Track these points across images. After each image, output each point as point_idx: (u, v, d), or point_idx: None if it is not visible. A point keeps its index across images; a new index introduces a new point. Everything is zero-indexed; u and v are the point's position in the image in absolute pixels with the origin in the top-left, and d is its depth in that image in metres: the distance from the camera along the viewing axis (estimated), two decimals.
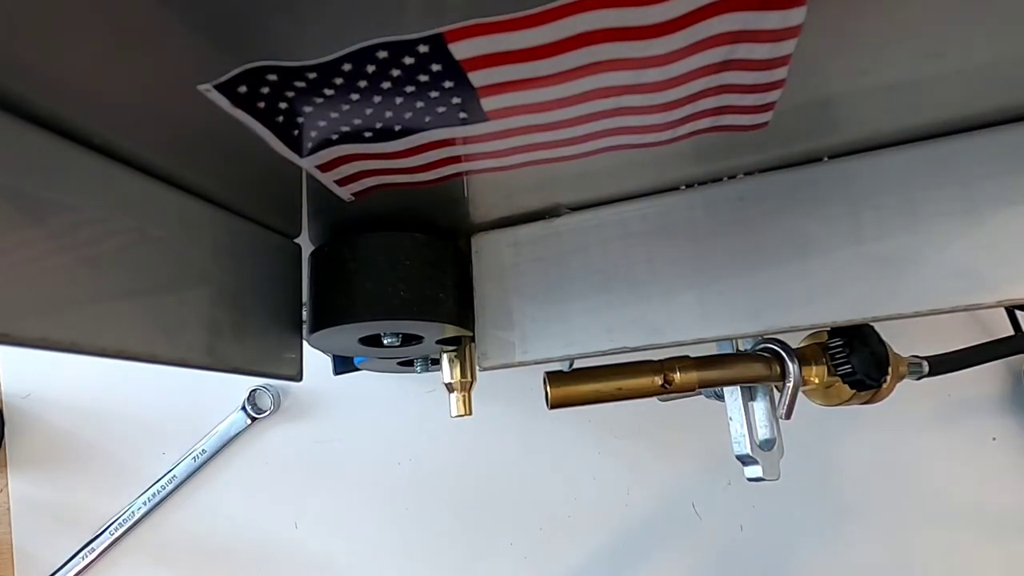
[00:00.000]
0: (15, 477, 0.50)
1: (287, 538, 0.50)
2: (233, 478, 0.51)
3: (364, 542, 0.50)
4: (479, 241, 0.25)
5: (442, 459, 0.51)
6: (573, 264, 0.23)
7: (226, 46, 0.14)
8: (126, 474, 0.50)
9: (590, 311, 0.22)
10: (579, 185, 0.22)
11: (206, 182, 0.21)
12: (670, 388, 0.26)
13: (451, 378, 0.30)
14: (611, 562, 0.50)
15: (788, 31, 0.14)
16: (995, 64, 0.17)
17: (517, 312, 0.24)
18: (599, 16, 0.13)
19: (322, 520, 0.51)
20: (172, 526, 0.50)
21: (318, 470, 0.51)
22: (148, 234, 0.20)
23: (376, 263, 0.24)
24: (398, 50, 0.14)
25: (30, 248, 0.16)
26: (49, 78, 0.15)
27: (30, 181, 0.16)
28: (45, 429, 0.51)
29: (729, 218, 0.21)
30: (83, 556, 0.49)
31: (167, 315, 0.20)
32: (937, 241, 0.19)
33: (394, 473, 0.51)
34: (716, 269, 0.21)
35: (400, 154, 0.19)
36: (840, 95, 0.18)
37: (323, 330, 0.24)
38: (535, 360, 0.23)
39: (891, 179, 0.20)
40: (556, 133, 0.18)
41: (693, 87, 0.16)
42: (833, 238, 0.20)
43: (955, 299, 0.18)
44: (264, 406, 0.50)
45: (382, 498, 0.51)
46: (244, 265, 0.24)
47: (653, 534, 0.50)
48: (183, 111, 0.17)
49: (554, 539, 0.50)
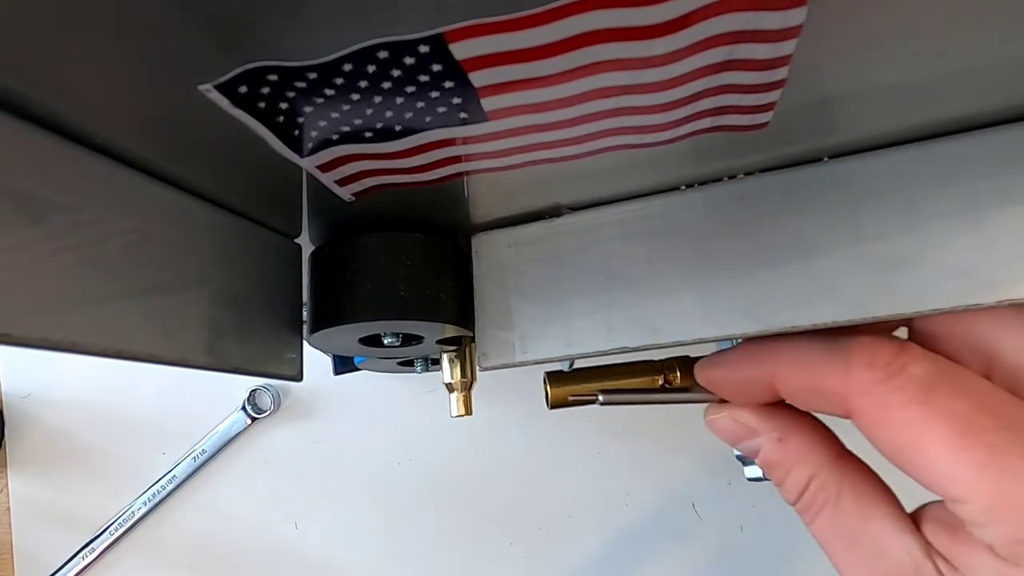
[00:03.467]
0: (15, 477, 0.50)
1: (287, 538, 0.50)
2: (233, 478, 0.51)
3: (364, 542, 0.50)
4: (479, 241, 0.25)
5: (442, 459, 0.51)
6: (573, 264, 0.23)
7: (226, 46, 0.14)
8: (126, 474, 0.50)
9: (590, 311, 0.22)
10: (579, 185, 0.22)
11: (206, 182, 0.21)
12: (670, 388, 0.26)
13: (451, 378, 0.30)
14: (611, 562, 0.50)
15: (788, 31, 0.14)
16: (995, 64, 0.17)
17: (517, 312, 0.24)
18: (600, 16, 0.13)
19: (322, 520, 0.51)
20: (172, 526, 0.50)
21: (318, 470, 0.51)
22: (148, 234, 0.20)
23: (376, 263, 0.24)
24: (399, 50, 0.14)
25: (30, 248, 0.16)
26: (49, 78, 0.15)
27: (30, 181, 0.16)
28: (45, 429, 0.51)
29: (729, 218, 0.21)
30: (83, 556, 0.49)
31: (167, 315, 0.20)
32: (937, 241, 0.19)
33: (394, 473, 0.51)
34: (716, 269, 0.21)
35: (401, 154, 0.19)
36: (840, 95, 0.18)
37: (323, 330, 0.24)
38: (535, 360, 0.23)
39: (891, 179, 0.20)
40: (556, 133, 0.18)
41: (694, 87, 0.16)
42: (833, 238, 0.20)
43: (955, 299, 0.18)
44: (264, 406, 0.50)
45: (382, 498, 0.51)
46: (244, 265, 0.24)
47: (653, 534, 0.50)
48: (183, 111, 0.17)
49: (554, 539, 0.50)
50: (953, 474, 0.16)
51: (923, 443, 0.17)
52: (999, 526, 0.16)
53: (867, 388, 0.18)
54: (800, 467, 0.20)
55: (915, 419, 0.17)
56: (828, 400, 0.19)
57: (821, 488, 0.20)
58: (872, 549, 0.19)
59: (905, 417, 0.17)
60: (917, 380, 0.17)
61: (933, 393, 0.17)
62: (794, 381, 0.20)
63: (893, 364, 0.18)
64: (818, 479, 0.20)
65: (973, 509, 0.16)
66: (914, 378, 0.17)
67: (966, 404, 0.17)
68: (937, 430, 0.17)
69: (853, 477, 0.20)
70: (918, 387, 0.17)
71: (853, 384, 0.18)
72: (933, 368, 0.18)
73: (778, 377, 0.20)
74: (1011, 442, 0.16)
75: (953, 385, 0.17)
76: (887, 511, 0.19)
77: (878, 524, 0.19)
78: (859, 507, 0.19)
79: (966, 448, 0.16)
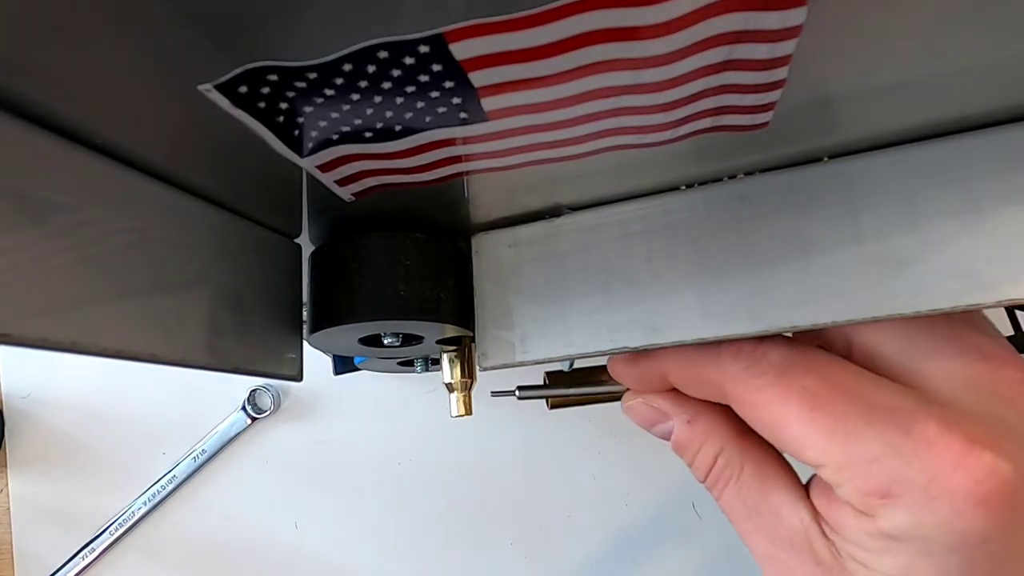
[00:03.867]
0: (15, 477, 0.50)
1: (287, 538, 0.50)
2: (233, 478, 0.51)
3: (364, 542, 0.50)
4: (479, 241, 0.25)
5: (442, 459, 0.51)
6: (573, 264, 0.23)
7: (226, 46, 0.14)
8: (126, 474, 0.50)
9: (590, 311, 0.22)
10: (579, 185, 0.22)
11: (206, 182, 0.21)
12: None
13: (451, 378, 0.30)
14: (611, 562, 0.50)
15: (788, 31, 0.14)
16: (995, 64, 0.17)
17: (517, 312, 0.24)
18: (600, 16, 0.13)
19: (322, 520, 0.51)
20: (172, 526, 0.50)
21: (318, 470, 0.51)
22: (148, 234, 0.20)
23: (376, 263, 0.24)
24: (399, 50, 0.14)
25: (30, 248, 0.16)
26: (49, 78, 0.15)
27: (30, 181, 0.16)
28: (45, 429, 0.51)
29: (729, 218, 0.21)
30: (83, 556, 0.49)
31: (167, 315, 0.20)
32: (937, 241, 0.19)
33: (394, 473, 0.51)
34: (716, 269, 0.21)
35: (401, 154, 0.19)
36: (840, 95, 0.18)
37: (323, 330, 0.24)
38: (535, 360, 0.23)
39: (891, 179, 0.20)
40: (556, 133, 0.18)
41: (693, 87, 0.16)
42: (833, 238, 0.20)
43: (955, 299, 0.18)
44: (264, 406, 0.51)
45: (382, 498, 0.51)
46: (244, 265, 0.24)
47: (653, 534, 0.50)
48: (183, 111, 0.17)
49: (554, 539, 0.50)
50: (807, 442, 0.18)
51: (782, 418, 0.19)
52: (850, 483, 0.18)
53: (735, 375, 0.20)
54: (708, 446, 0.22)
55: (774, 398, 0.19)
56: (710, 389, 0.21)
57: (726, 464, 0.22)
58: (770, 518, 0.21)
59: (766, 397, 0.19)
60: (775, 364, 0.19)
61: (787, 375, 0.19)
62: (680, 374, 0.22)
63: (755, 352, 0.20)
64: (723, 456, 0.22)
65: (828, 471, 0.18)
66: (773, 363, 0.20)
67: (815, 380, 0.19)
68: (792, 404, 0.19)
69: (754, 454, 0.21)
70: (776, 371, 0.19)
71: (725, 373, 0.20)
72: (789, 352, 0.20)
73: (668, 371, 0.22)
74: (852, 408, 0.18)
75: (805, 365, 0.19)
76: (783, 483, 0.21)
77: (775, 495, 0.21)
78: (759, 480, 0.21)
79: (814, 419, 0.18)
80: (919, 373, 0.19)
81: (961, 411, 0.18)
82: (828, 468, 0.18)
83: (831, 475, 0.18)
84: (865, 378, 0.19)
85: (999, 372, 0.18)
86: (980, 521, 0.16)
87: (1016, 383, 0.18)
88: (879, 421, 0.18)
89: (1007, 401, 0.18)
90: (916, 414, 0.17)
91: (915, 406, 0.18)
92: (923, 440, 0.17)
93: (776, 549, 0.20)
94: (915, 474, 0.17)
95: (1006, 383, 0.18)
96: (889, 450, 0.17)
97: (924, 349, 0.19)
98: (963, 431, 0.17)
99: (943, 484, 0.17)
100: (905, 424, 0.17)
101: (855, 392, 0.18)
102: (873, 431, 0.17)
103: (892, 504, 0.17)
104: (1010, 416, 0.18)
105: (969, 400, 0.18)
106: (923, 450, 0.17)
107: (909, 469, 0.17)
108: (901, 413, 0.18)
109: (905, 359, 0.19)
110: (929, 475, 0.17)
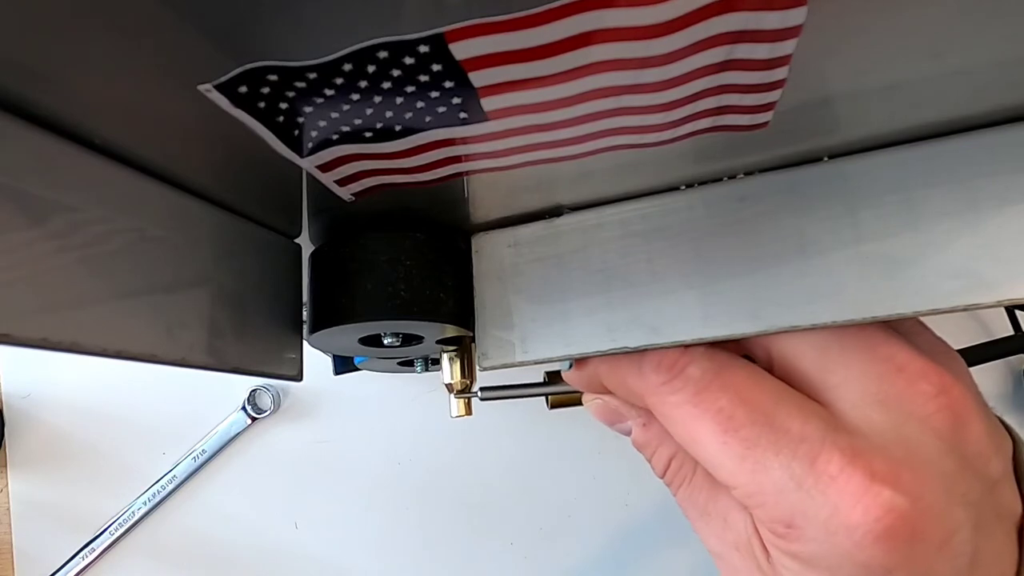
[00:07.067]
0: (15, 477, 0.50)
1: (287, 538, 0.50)
2: (233, 478, 0.51)
3: (364, 542, 0.50)
4: (479, 241, 0.25)
5: (442, 459, 0.51)
6: (573, 264, 0.23)
7: (226, 46, 0.14)
8: (126, 474, 0.50)
9: (590, 311, 0.22)
10: (579, 185, 0.22)
11: (206, 182, 0.21)
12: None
13: (451, 378, 0.30)
14: (611, 562, 0.50)
15: (788, 31, 0.14)
16: (995, 64, 0.17)
17: (517, 312, 0.24)
18: (599, 16, 0.13)
19: (322, 520, 0.51)
20: (172, 526, 0.50)
21: (318, 470, 0.51)
22: (148, 234, 0.20)
23: (376, 263, 0.24)
24: (398, 50, 0.14)
25: (30, 248, 0.16)
26: (49, 78, 0.15)
27: (30, 181, 0.16)
28: (45, 429, 0.51)
29: (729, 218, 0.21)
30: (83, 556, 0.49)
31: (167, 315, 0.20)
32: (937, 241, 0.19)
33: (394, 473, 0.51)
34: (716, 269, 0.21)
35: (401, 154, 0.19)
36: (840, 95, 0.18)
37: (323, 330, 0.24)
38: (535, 360, 0.23)
39: (891, 179, 0.20)
40: (556, 133, 0.18)
41: (693, 87, 0.16)
42: (833, 238, 0.20)
43: (955, 299, 0.18)
44: (264, 406, 0.50)
45: (382, 498, 0.51)
46: (244, 265, 0.24)
47: (653, 534, 0.50)
48: (183, 111, 0.17)
49: (554, 539, 0.50)
50: (720, 463, 0.19)
51: (697, 438, 0.19)
52: (759, 509, 0.18)
53: (655, 389, 0.20)
54: (663, 448, 0.23)
55: (690, 417, 0.19)
56: (636, 397, 0.21)
57: (680, 467, 0.22)
58: (719, 521, 0.21)
59: (682, 415, 0.19)
60: (693, 380, 0.19)
61: (704, 392, 0.19)
62: (609, 379, 0.22)
63: (676, 366, 0.20)
64: (677, 459, 0.22)
65: (740, 494, 0.19)
66: (691, 379, 0.20)
67: (730, 400, 0.19)
68: (706, 424, 0.19)
69: None
70: (693, 387, 0.19)
71: (646, 385, 0.21)
72: (709, 366, 0.20)
73: (600, 375, 0.23)
74: (763, 435, 0.18)
75: (723, 381, 0.19)
76: None
77: (724, 500, 0.21)
78: (710, 483, 0.21)
79: (726, 443, 0.18)
80: (833, 389, 0.19)
81: (867, 439, 0.18)
82: (739, 492, 0.19)
83: (743, 499, 0.19)
84: (780, 397, 0.19)
85: (913, 387, 0.18)
86: (881, 556, 0.17)
87: (930, 398, 0.18)
88: (786, 451, 0.18)
89: (920, 420, 0.18)
90: (823, 444, 0.17)
91: (823, 435, 0.18)
92: (825, 474, 0.17)
93: (725, 549, 0.21)
94: (817, 508, 0.17)
95: (920, 399, 0.18)
96: (793, 483, 0.17)
97: (839, 361, 0.19)
98: (865, 465, 0.17)
99: (842, 520, 0.17)
100: (811, 456, 0.17)
101: (767, 416, 0.18)
102: (780, 461, 0.18)
103: (796, 535, 0.18)
104: (921, 438, 0.18)
105: (879, 422, 0.18)
106: (824, 484, 0.17)
107: (812, 503, 0.17)
108: (809, 443, 0.18)
109: (820, 372, 0.19)
110: (830, 510, 0.17)
